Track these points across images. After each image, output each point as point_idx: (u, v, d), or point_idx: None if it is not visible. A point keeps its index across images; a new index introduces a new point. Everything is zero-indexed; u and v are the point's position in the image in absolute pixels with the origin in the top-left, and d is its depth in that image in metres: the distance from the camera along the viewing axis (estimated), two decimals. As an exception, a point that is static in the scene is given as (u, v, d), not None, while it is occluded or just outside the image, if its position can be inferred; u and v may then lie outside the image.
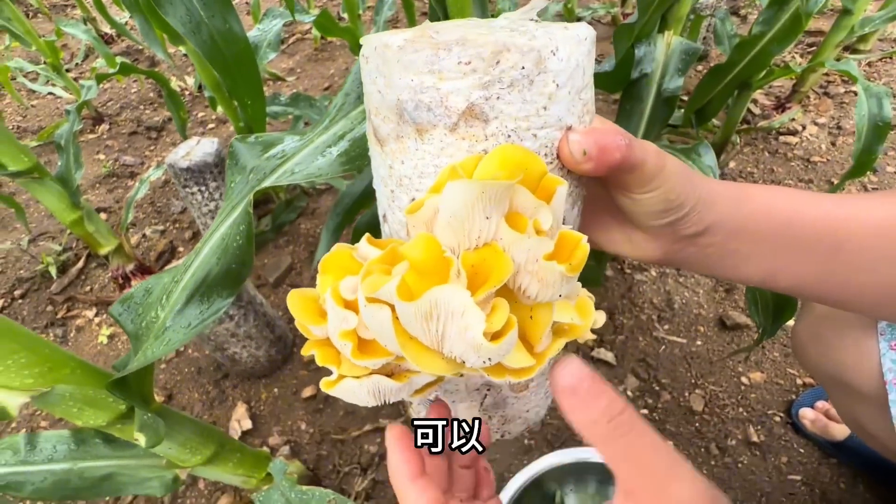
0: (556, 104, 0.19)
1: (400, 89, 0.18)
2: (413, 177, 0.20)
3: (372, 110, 0.21)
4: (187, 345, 0.99)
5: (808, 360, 0.46)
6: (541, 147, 0.20)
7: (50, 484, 0.46)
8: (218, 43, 0.52)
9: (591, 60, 0.20)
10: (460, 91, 0.18)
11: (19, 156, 0.84)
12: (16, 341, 0.31)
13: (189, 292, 0.35)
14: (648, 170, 0.23)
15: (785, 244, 0.28)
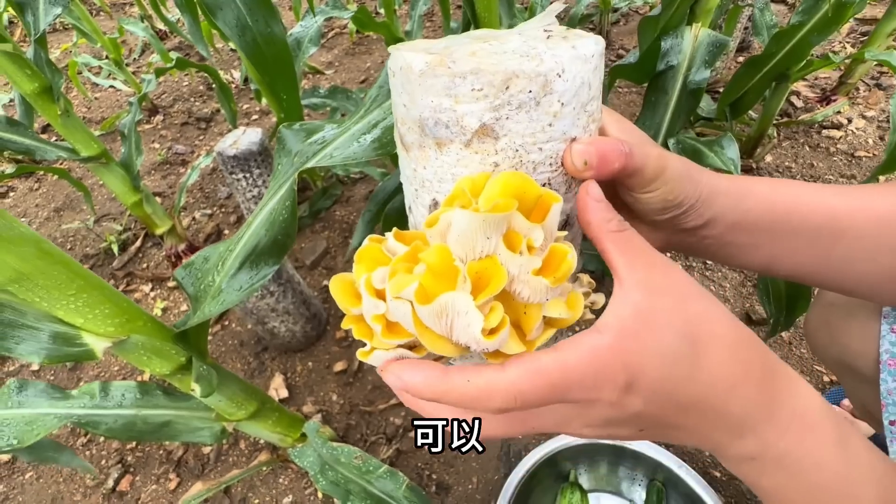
0: (560, 120, 0.21)
1: (422, 108, 0.21)
2: (433, 181, 0.23)
3: (399, 119, 0.24)
4: (231, 319, 1.07)
5: (819, 347, 0.47)
6: (546, 158, 0.22)
7: (120, 425, 0.53)
8: (260, 44, 0.57)
9: (599, 74, 0.22)
10: (474, 113, 0.20)
11: (90, 143, 0.93)
12: (103, 294, 0.37)
13: (241, 259, 0.41)
14: (648, 174, 0.24)
15: (784, 235, 0.29)
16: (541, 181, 0.23)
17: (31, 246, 0.32)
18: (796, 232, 0.29)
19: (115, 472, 0.86)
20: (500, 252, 0.20)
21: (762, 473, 0.22)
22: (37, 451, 0.61)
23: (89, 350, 0.38)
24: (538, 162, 0.22)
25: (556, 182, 0.23)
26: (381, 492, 0.48)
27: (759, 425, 0.21)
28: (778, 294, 0.57)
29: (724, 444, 0.22)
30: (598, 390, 0.20)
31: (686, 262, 0.99)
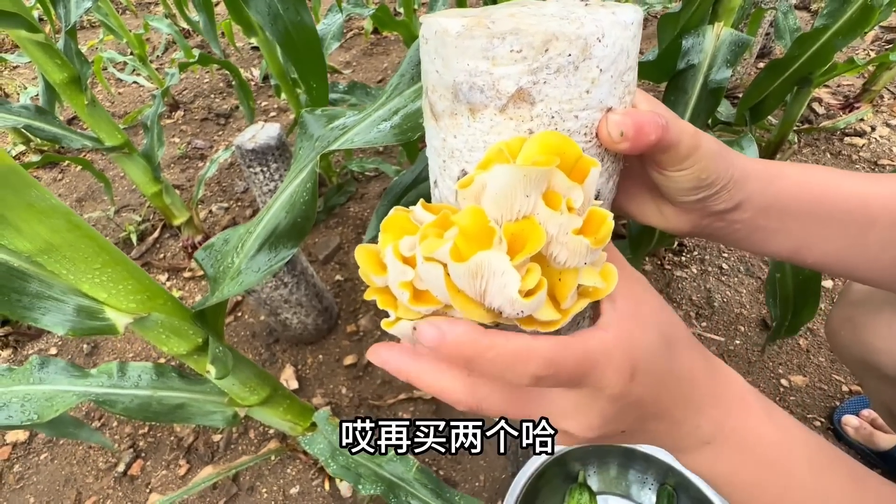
0: (598, 87, 0.21)
1: (456, 72, 0.20)
2: (464, 150, 0.22)
3: (429, 87, 0.23)
4: (244, 310, 1.09)
5: (842, 346, 0.46)
6: (581, 127, 0.22)
7: (136, 405, 0.54)
8: (290, 32, 0.58)
9: (637, 43, 0.22)
10: (511, 76, 0.20)
11: (114, 133, 0.95)
12: (126, 270, 0.38)
13: (261, 241, 0.41)
14: (682, 150, 0.24)
15: (815, 220, 0.29)
16: None
17: (62, 218, 0.33)
18: (828, 217, 0.28)
19: (126, 456, 0.87)
20: (539, 211, 0.20)
21: (718, 457, 0.24)
22: (58, 427, 0.63)
23: (111, 325, 0.39)
24: (573, 130, 0.22)
25: (590, 153, 0.23)
26: (391, 475, 0.48)
27: (711, 410, 0.23)
28: (785, 296, 0.56)
29: (689, 433, 0.24)
30: (609, 377, 0.21)
31: (701, 267, 0.98)
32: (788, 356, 0.83)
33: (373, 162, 1.20)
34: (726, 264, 0.97)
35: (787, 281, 0.57)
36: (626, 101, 0.23)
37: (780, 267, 0.57)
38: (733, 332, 0.88)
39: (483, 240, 0.20)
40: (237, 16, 0.92)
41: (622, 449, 0.70)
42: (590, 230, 0.20)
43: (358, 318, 1.02)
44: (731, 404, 0.24)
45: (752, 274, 0.96)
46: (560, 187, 0.20)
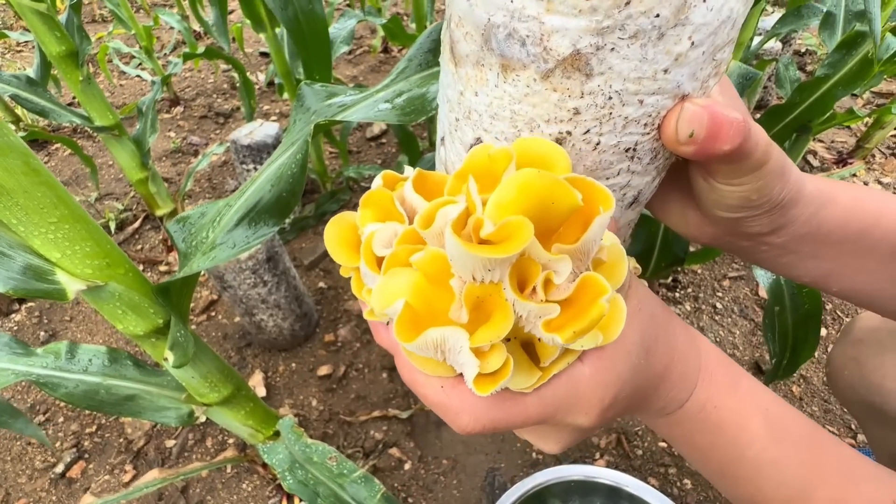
0: (682, 67, 0.15)
1: (494, 8, 0.15)
2: (484, 115, 0.18)
3: (454, 19, 0.17)
4: (219, 310, 1.03)
5: (844, 387, 0.43)
6: (643, 116, 0.17)
7: (80, 392, 0.49)
8: (300, 19, 0.57)
9: (747, 8, 0.16)
10: (568, 32, 0.14)
11: (106, 113, 0.93)
12: (86, 229, 0.34)
13: (241, 215, 0.38)
14: (748, 165, 0.19)
15: (855, 251, 0.26)
16: (625, 145, 0.18)
17: (18, 159, 0.29)
18: (869, 250, 0.26)
19: (68, 456, 0.79)
20: (507, 288, 0.16)
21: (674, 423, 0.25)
22: None
23: (61, 289, 0.35)
24: (631, 119, 0.17)
25: (643, 149, 0.18)
26: (353, 498, 0.43)
27: (672, 391, 0.24)
28: (784, 331, 0.53)
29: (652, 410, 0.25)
30: (578, 417, 0.21)
31: (695, 305, 0.96)
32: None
33: (371, 168, 1.18)
34: (720, 304, 0.96)
35: (786, 315, 0.55)
36: (709, 87, 0.17)
37: (779, 300, 0.55)
38: (725, 372, 0.85)
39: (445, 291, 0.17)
40: (248, 10, 0.91)
41: (608, 486, 0.66)
42: (572, 313, 0.16)
43: (338, 328, 0.97)
44: (694, 382, 0.24)
45: (746, 316, 0.94)
46: (537, 257, 0.16)
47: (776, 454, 0.24)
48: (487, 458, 0.76)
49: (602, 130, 0.17)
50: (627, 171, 0.19)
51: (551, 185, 0.15)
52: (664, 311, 0.24)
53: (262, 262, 0.80)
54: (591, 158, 0.18)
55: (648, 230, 0.75)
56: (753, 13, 0.67)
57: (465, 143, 0.20)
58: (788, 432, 0.24)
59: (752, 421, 0.24)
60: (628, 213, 0.22)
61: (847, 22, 0.88)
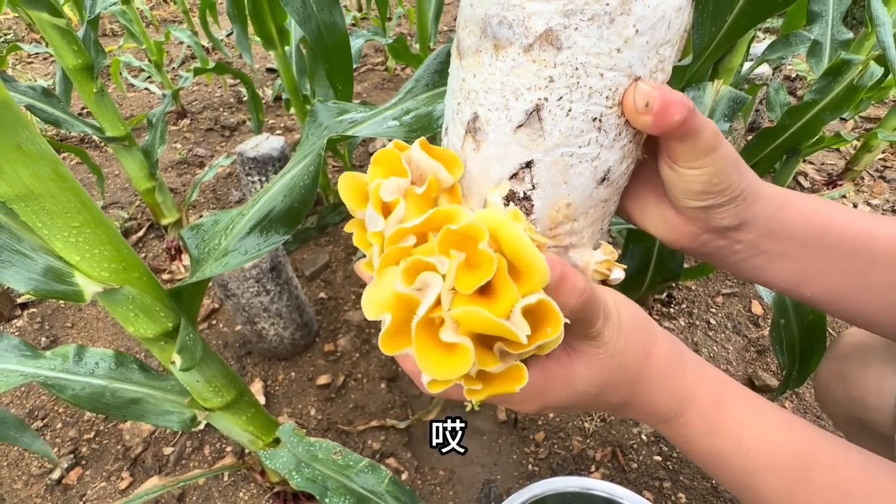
0: (630, 50, 0.20)
1: (490, 3, 0.20)
2: (480, 91, 0.22)
3: (461, 23, 0.22)
4: (220, 319, 1.04)
5: (830, 402, 0.44)
6: (604, 88, 0.20)
7: (87, 394, 0.50)
8: (323, 32, 0.59)
9: (682, 20, 0.20)
10: (543, 13, 0.19)
11: (117, 124, 0.95)
12: (106, 233, 0.36)
13: (253, 223, 0.40)
14: (702, 144, 0.23)
15: (818, 252, 0.28)
16: (592, 114, 0.21)
17: (48, 165, 0.31)
18: (831, 250, 0.28)
19: (65, 462, 0.79)
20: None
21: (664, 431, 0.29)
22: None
23: (78, 291, 0.36)
24: (595, 90, 0.20)
25: (609, 122, 0.22)
26: (361, 487, 0.44)
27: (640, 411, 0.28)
28: (791, 342, 0.55)
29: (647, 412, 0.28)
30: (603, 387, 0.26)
31: (689, 320, 0.97)
32: (774, 418, 0.81)
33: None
34: (714, 319, 0.97)
35: (791, 327, 0.56)
36: (658, 79, 0.22)
37: (783, 312, 0.57)
38: (719, 388, 0.86)
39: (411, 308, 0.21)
40: (259, 28, 0.95)
41: (603, 499, 0.66)
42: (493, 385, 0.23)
43: (337, 338, 0.98)
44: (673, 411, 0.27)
45: (739, 332, 0.95)
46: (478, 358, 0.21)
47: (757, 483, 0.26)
48: (484, 469, 0.76)
49: (572, 98, 0.21)
50: (596, 142, 0.22)
51: (503, 331, 0.20)
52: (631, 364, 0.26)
53: (265, 271, 0.81)
54: (564, 123, 0.21)
55: (644, 247, 0.77)
56: (743, 41, 0.70)
57: (464, 122, 0.24)
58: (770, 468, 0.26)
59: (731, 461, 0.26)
60: (600, 189, 0.24)
61: (833, 50, 0.92)
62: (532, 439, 0.79)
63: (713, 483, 0.73)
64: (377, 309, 0.21)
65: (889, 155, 1.38)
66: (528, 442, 0.79)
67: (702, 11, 0.56)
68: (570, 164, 0.22)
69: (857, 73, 0.81)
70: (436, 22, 1.15)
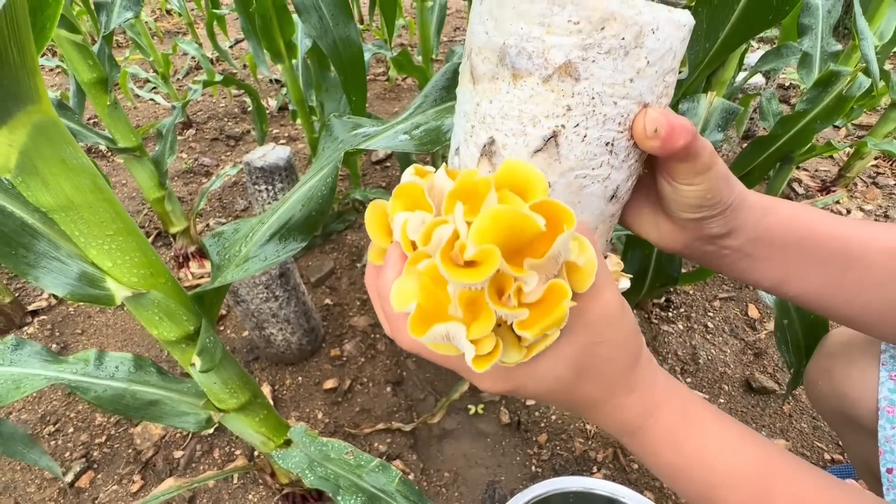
0: (642, 79, 0.21)
1: (508, 34, 0.21)
2: (497, 117, 0.23)
3: (474, 49, 0.23)
4: (228, 325, 1.06)
5: (819, 398, 0.46)
6: (617, 115, 0.22)
7: (108, 396, 0.52)
8: (339, 46, 0.62)
9: (684, 48, 0.22)
10: (563, 46, 0.20)
11: (129, 135, 0.98)
12: (136, 241, 0.38)
13: (272, 231, 0.42)
14: (700, 164, 0.25)
15: (799, 255, 0.30)
16: (605, 139, 0.23)
17: (88, 178, 0.34)
18: (811, 254, 0.30)
19: (77, 466, 0.81)
20: (487, 297, 0.20)
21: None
22: (8, 443, 0.59)
23: (110, 295, 0.39)
24: (609, 117, 0.22)
25: (619, 146, 0.23)
26: (372, 486, 0.46)
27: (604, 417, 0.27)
28: (796, 341, 0.57)
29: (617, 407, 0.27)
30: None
31: (687, 324, 1.00)
32: (772, 419, 0.83)
33: (376, 193, 1.23)
34: (711, 323, 0.99)
35: (794, 326, 0.59)
36: (662, 104, 0.23)
37: (786, 312, 0.59)
38: (717, 390, 0.88)
39: (443, 298, 0.21)
40: (268, 43, 0.98)
41: (605, 499, 0.68)
42: (539, 314, 0.20)
43: (343, 343, 1.00)
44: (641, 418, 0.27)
45: (737, 335, 0.98)
46: (510, 272, 0.20)
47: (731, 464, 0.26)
48: (488, 471, 0.78)
49: (588, 125, 0.22)
50: (608, 164, 0.24)
51: (517, 216, 0.19)
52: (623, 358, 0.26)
53: (274, 277, 0.84)
54: (580, 149, 0.23)
55: (643, 253, 0.80)
56: (735, 55, 0.73)
57: (479, 144, 0.24)
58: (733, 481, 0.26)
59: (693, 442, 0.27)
60: (609, 206, 0.26)
61: (823, 61, 0.96)
62: (535, 441, 0.81)
63: (713, 483, 0.75)
64: (404, 299, 0.21)
65: (881, 161, 1.41)
66: (531, 444, 0.81)
67: (696, 29, 0.59)
68: (583, 185, 0.24)
69: (846, 84, 0.84)
70: (437, 34, 1.18)
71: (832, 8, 0.96)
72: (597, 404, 0.26)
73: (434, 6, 1.10)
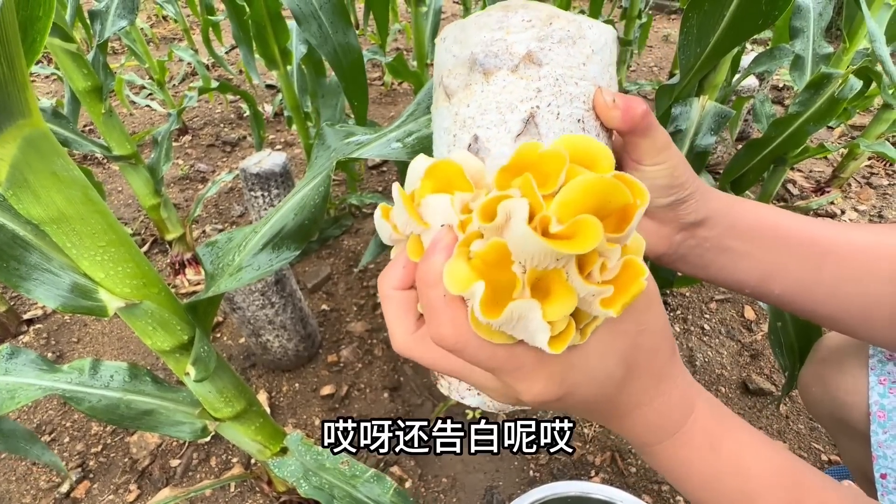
0: (592, 64, 0.24)
1: (474, 45, 0.24)
2: (476, 115, 0.24)
3: (444, 73, 0.25)
4: (224, 332, 1.06)
5: (813, 403, 0.47)
6: (581, 94, 0.24)
7: (103, 406, 0.52)
8: (339, 53, 0.63)
9: (615, 50, 0.26)
10: (522, 41, 0.23)
11: (124, 143, 0.98)
12: (129, 252, 0.38)
13: (266, 240, 0.42)
14: (660, 140, 0.26)
15: (775, 247, 0.31)
16: (576, 116, 0.24)
17: (79, 190, 0.34)
18: (785, 245, 0.30)
19: (73, 475, 0.81)
20: (570, 273, 0.19)
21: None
22: (9, 440, 0.58)
23: (102, 306, 0.38)
24: (574, 95, 0.24)
25: (589, 123, 0.25)
26: (367, 496, 0.46)
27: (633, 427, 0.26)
28: (790, 343, 0.58)
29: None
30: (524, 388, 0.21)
31: (684, 326, 1.00)
32: (769, 420, 0.83)
33: (372, 197, 1.23)
34: (708, 325, 1.00)
35: (788, 328, 0.59)
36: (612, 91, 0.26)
37: (779, 315, 0.60)
38: (714, 392, 0.88)
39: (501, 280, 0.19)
40: (263, 49, 0.98)
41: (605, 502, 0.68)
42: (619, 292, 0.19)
43: (340, 349, 1.00)
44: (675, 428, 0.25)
45: (733, 337, 0.98)
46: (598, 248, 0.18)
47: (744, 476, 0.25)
48: (486, 476, 0.78)
49: (559, 103, 0.24)
50: None
51: (611, 187, 0.17)
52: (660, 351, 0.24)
53: (270, 284, 0.84)
54: (556, 126, 0.24)
55: (637, 255, 0.80)
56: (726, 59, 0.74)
57: (464, 146, 0.25)
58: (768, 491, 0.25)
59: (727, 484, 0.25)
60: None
61: (815, 64, 0.96)
62: (533, 445, 0.81)
63: (710, 485, 0.75)
64: (462, 282, 0.19)
65: (875, 162, 1.42)
66: (529, 448, 0.81)
67: (687, 34, 0.59)
68: None
69: (838, 87, 0.84)
70: (432, 38, 1.18)
71: (823, 10, 0.97)
72: (640, 407, 0.24)
73: (428, 11, 1.10)
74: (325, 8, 0.66)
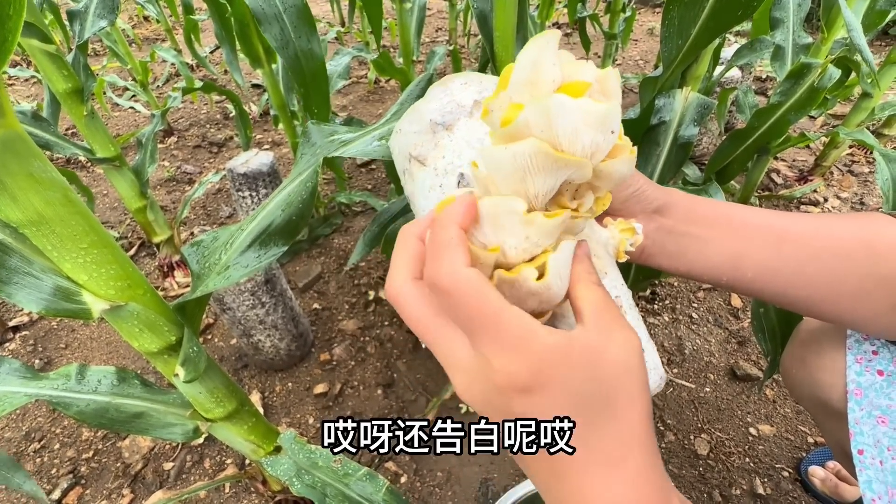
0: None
1: (430, 114, 0.29)
2: (454, 159, 0.29)
3: (410, 150, 0.30)
4: (215, 333, 1.05)
5: (795, 386, 0.48)
6: None
7: (91, 410, 0.51)
8: (300, 59, 0.62)
9: None
10: (467, 96, 0.29)
11: (108, 145, 0.96)
12: (112, 253, 0.38)
13: (253, 237, 0.42)
14: None
15: (734, 232, 0.31)
16: None
17: (58, 192, 0.33)
18: (742, 228, 0.31)
19: (64, 482, 0.80)
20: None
21: None
22: None
23: (86, 309, 0.38)
24: None
25: None
26: (359, 495, 0.46)
27: None
28: (772, 328, 0.59)
29: None
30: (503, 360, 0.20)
31: (673, 315, 1.01)
32: (756, 405, 0.85)
33: (361, 195, 1.23)
34: (696, 314, 1.01)
35: (770, 314, 0.60)
36: None
37: (761, 301, 0.61)
38: (703, 379, 0.90)
39: None
40: (246, 48, 0.97)
41: None
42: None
43: (332, 348, 1.00)
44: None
45: (721, 325, 0.99)
46: None
47: None
48: (481, 469, 0.78)
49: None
50: None
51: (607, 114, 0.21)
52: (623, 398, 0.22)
53: (260, 284, 0.83)
54: None
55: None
56: (707, 51, 0.74)
57: (454, 186, 0.29)
58: None
59: None
60: None
61: (795, 54, 0.98)
62: (526, 437, 0.82)
63: (700, 471, 0.76)
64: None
65: (856, 150, 1.45)
66: (522, 440, 0.82)
67: (668, 26, 0.60)
68: None
69: (818, 76, 0.86)
70: (418, 35, 1.18)
71: (802, 1, 0.99)
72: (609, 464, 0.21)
73: (413, 7, 1.10)
74: (289, 11, 0.65)
